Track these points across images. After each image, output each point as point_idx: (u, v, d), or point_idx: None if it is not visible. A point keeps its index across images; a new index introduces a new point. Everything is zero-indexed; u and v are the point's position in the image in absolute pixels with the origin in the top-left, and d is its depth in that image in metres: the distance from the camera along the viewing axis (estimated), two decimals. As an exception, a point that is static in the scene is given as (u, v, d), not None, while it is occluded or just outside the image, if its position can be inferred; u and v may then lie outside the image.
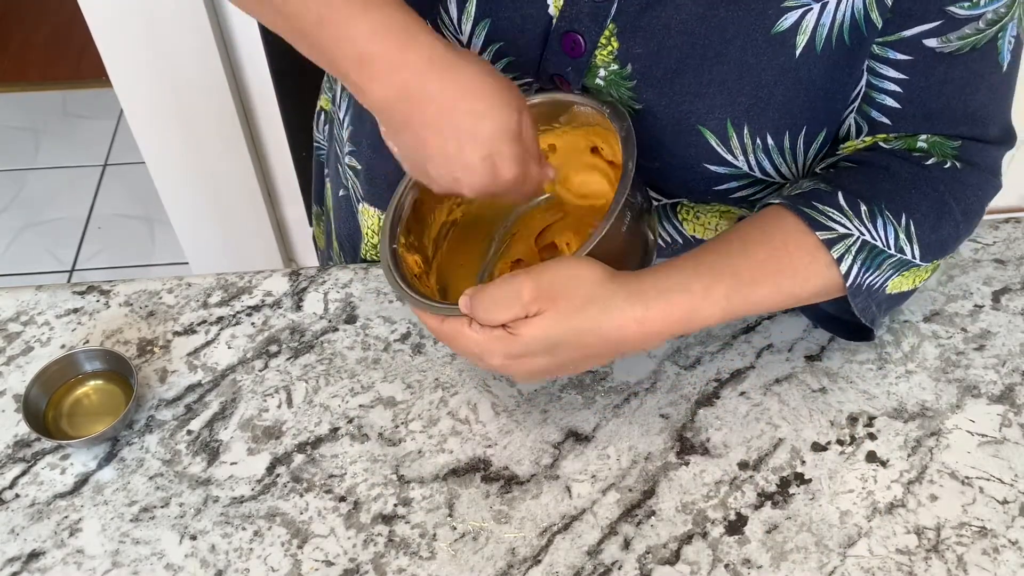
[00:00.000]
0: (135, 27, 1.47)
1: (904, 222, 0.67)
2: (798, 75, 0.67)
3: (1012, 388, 0.76)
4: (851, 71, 0.69)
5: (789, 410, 0.74)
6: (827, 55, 0.67)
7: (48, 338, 0.80)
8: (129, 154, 2.34)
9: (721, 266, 0.65)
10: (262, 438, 0.73)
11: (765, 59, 0.67)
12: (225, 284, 0.84)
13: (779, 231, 0.67)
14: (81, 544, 0.68)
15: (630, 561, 0.66)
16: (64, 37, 2.68)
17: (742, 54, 0.67)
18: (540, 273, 0.62)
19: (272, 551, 0.67)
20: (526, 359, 0.63)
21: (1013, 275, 0.83)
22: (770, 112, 0.69)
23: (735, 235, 0.68)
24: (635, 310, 0.62)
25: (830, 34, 0.66)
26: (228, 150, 1.69)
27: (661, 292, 0.63)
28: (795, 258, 0.66)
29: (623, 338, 0.63)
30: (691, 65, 0.68)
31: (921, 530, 0.67)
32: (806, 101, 0.69)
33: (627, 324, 0.62)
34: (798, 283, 0.67)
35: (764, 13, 0.65)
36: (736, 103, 0.68)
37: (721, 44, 0.67)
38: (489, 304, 0.62)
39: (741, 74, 0.67)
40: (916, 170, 0.69)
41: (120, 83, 1.56)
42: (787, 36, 0.66)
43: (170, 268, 2.12)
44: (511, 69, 0.73)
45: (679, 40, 0.67)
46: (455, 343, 0.66)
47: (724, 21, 0.66)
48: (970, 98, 0.69)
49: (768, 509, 0.69)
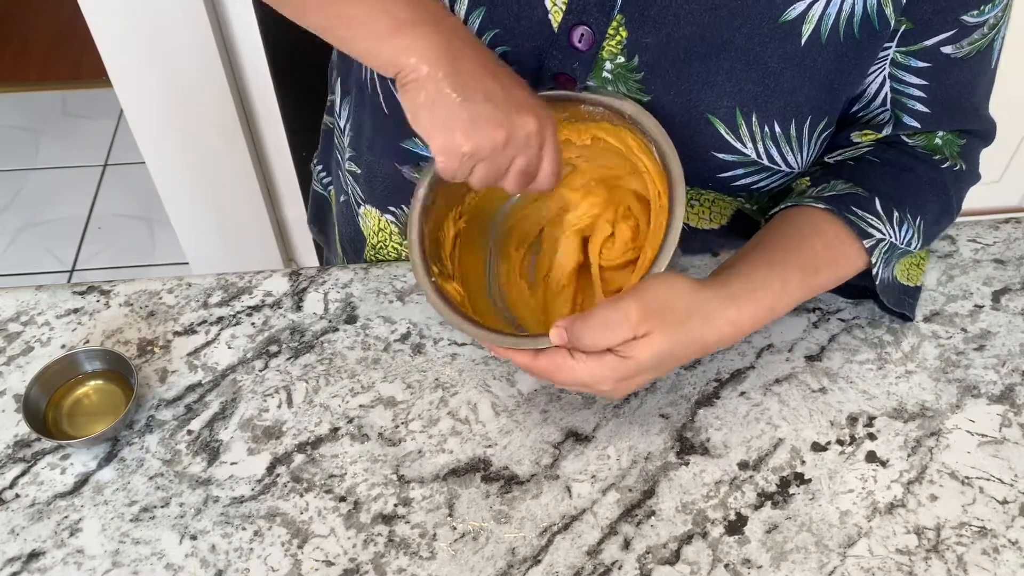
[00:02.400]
0: (135, 27, 1.47)
1: (918, 222, 0.74)
2: (803, 63, 0.68)
3: (1012, 388, 0.76)
4: (859, 64, 0.70)
5: (789, 410, 0.74)
6: (833, 46, 0.68)
7: (48, 338, 0.80)
8: (129, 154, 2.34)
9: (790, 260, 0.70)
10: (262, 438, 0.73)
11: (771, 47, 0.68)
12: (225, 284, 0.84)
13: (830, 227, 0.72)
14: (81, 544, 0.68)
15: (630, 561, 0.66)
16: (64, 37, 2.68)
17: (748, 42, 0.68)
18: (642, 294, 0.64)
19: (272, 551, 0.67)
20: (636, 379, 0.65)
21: (1013, 275, 0.83)
22: (777, 100, 0.70)
23: (787, 229, 0.73)
24: (729, 313, 0.66)
25: (836, 25, 0.67)
26: (228, 150, 1.68)
27: (748, 292, 0.67)
28: (839, 251, 0.72)
29: (719, 340, 0.66)
30: (699, 54, 0.69)
31: (921, 530, 0.67)
32: (811, 90, 0.70)
33: (723, 328, 0.66)
34: (847, 272, 0.73)
35: (772, 2, 0.66)
36: (744, 91, 0.69)
37: (729, 32, 0.68)
38: (597, 331, 0.63)
39: (748, 62, 0.68)
40: (935, 174, 0.75)
41: (120, 83, 1.56)
42: (794, 25, 0.67)
43: (170, 268, 2.12)
44: (507, 61, 0.72)
45: (688, 29, 0.68)
46: (556, 376, 0.66)
47: (732, 9, 0.67)
48: (972, 95, 0.75)
49: (768, 509, 0.69)
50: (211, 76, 1.55)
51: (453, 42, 0.64)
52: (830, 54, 0.68)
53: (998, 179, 2.05)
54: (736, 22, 0.67)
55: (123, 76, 1.55)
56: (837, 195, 0.73)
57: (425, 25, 0.63)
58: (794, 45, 0.68)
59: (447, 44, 0.63)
